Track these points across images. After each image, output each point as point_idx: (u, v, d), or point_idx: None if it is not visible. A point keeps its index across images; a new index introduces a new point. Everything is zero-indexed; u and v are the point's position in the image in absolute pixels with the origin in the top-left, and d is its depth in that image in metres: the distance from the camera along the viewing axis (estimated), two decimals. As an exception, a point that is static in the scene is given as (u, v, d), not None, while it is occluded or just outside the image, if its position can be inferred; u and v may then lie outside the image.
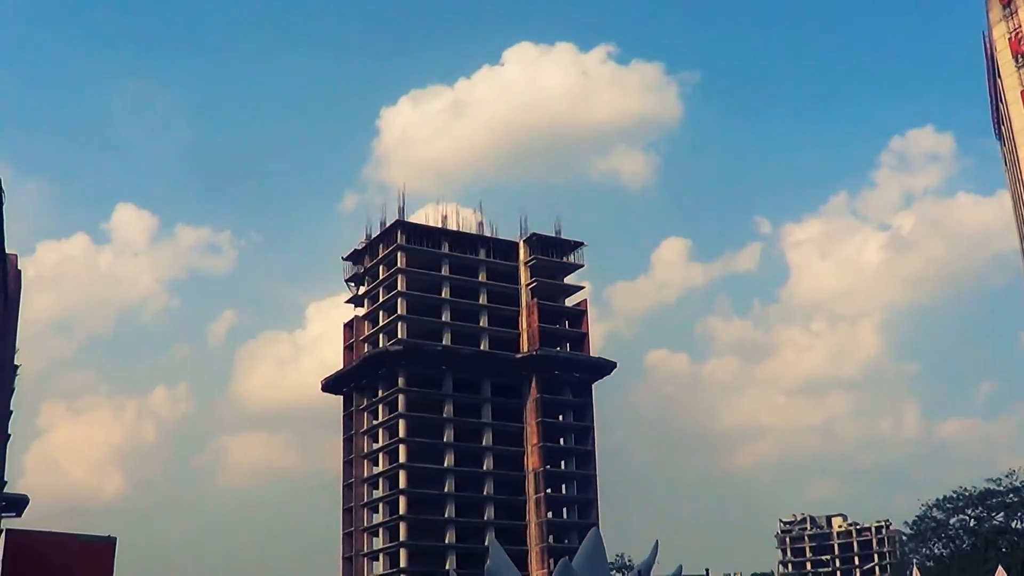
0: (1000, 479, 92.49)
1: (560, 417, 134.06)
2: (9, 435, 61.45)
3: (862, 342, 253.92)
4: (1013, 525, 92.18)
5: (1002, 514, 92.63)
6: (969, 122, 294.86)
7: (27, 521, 64.84)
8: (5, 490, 58.51)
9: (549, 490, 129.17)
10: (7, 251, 54.01)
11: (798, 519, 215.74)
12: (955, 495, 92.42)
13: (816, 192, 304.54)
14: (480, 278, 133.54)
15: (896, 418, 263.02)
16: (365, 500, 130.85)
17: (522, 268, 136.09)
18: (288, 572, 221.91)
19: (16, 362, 62.13)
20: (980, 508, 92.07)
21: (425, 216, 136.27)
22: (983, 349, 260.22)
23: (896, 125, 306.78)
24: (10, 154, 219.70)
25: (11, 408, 61.14)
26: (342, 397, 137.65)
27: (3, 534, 55.11)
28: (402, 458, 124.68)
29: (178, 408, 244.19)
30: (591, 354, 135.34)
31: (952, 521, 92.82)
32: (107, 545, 55.62)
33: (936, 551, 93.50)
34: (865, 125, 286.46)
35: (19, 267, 61.40)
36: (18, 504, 61.95)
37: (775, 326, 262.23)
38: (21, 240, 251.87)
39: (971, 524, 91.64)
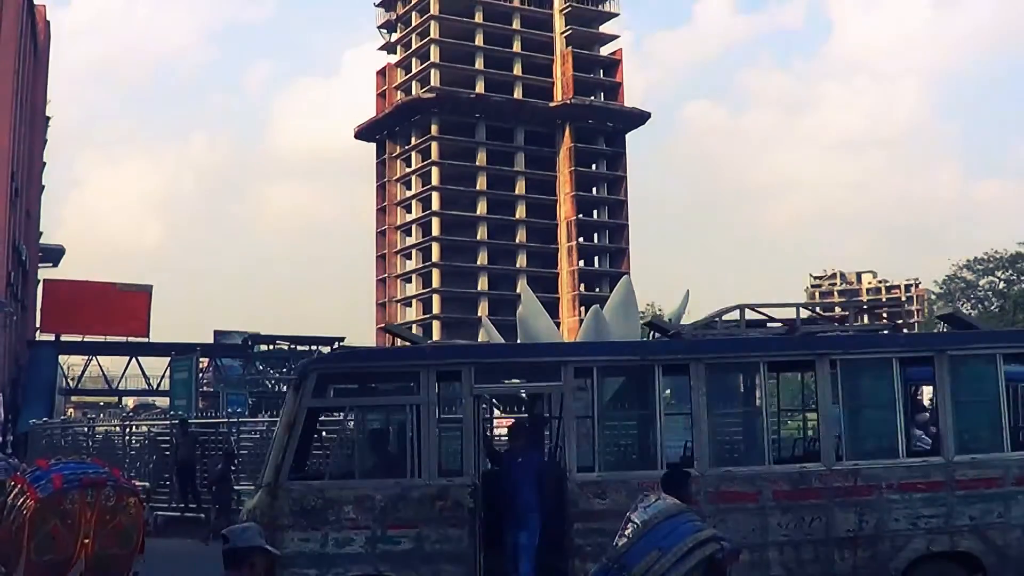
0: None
1: (593, 167, 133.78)
2: (43, 186, 61.88)
3: (904, 100, 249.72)
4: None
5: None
6: None
7: (65, 271, 66.39)
8: (41, 241, 59.43)
9: (581, 239, 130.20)
10: (35, 2, 53.14)
11: (828, 274, 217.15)
12: (986, 256, 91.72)
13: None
14: (514, 25, 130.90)
15: (933, 178, 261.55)
16: (398, 247, 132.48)
17: (557, 16, 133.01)
18: (322, 319, 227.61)
19: (48, 113, 61.89)
20: (1010, 271, 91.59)
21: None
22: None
23: None
24: None
25: (44, 160, 61.31)
26: (375, 145, 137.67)
27: (41, 283, 56.39)
28: (435, 205, 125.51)
29: (216, 157, 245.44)
30: (626, 104, 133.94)
31: (982, 282, 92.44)
32: (143, 293, 56.94)
33: (964, 311, 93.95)
34: None
35: (48, 18, 60.49)
36: (54, 254, 63.13)
37: (817, 81, 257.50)
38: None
39: (1000, 286, 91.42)
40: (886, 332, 14.35)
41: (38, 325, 54.77)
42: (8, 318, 37.46)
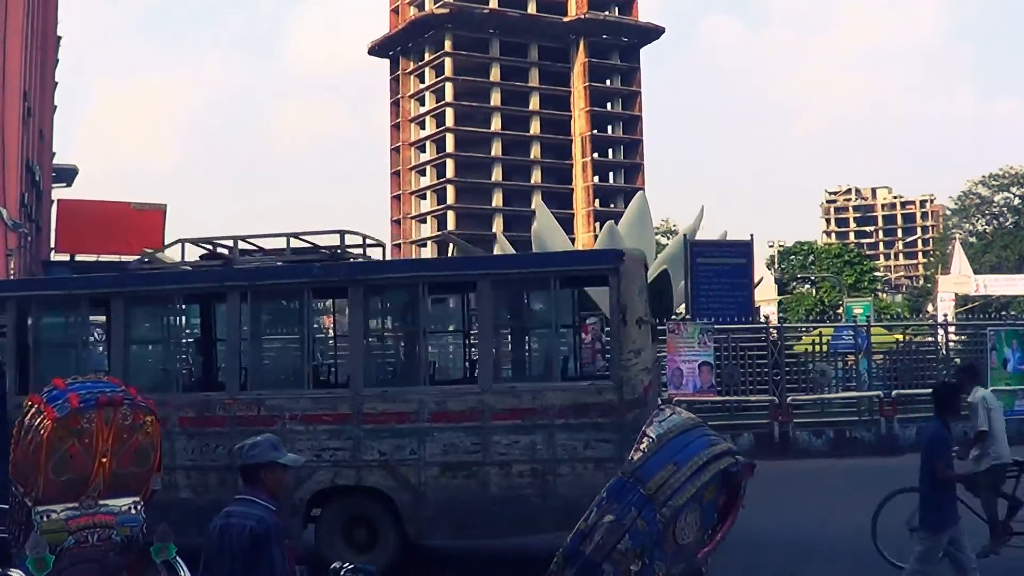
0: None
1: (608, 82, 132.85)
2: (56, 106, 61.46)
3: (922, 19, 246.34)
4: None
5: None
6: None
7: (79, 191, 66.23)
8: (55, 161, 59.16)
9: (596, 155, 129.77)
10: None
11: (843, 190, 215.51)
12: (1001, 172, 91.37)
13: None
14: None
15: (950, 96, 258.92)
16: (412, 164, 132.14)
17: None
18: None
19: (59, 33, 61.31)
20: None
21: None
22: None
23: None
24: None
25: (56, 80, 60.82)
26: (388, 61, 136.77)
27: (55, 203, 56.25)
28: (449, 122, 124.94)
29: (230, 76, 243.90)
30: (640, 19, 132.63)
31: (997, 198, 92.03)
32: (158, 212, 56.70)
33: (979, 227, 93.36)
34: None
35: (56, -67, 59.68)
36: (68, 174, 62.85)
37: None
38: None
39: (1015, 202, 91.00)
40: (321, 264, 13.99)
41: (52, 245, 54.77)
42: (23, 239, 37.46)
